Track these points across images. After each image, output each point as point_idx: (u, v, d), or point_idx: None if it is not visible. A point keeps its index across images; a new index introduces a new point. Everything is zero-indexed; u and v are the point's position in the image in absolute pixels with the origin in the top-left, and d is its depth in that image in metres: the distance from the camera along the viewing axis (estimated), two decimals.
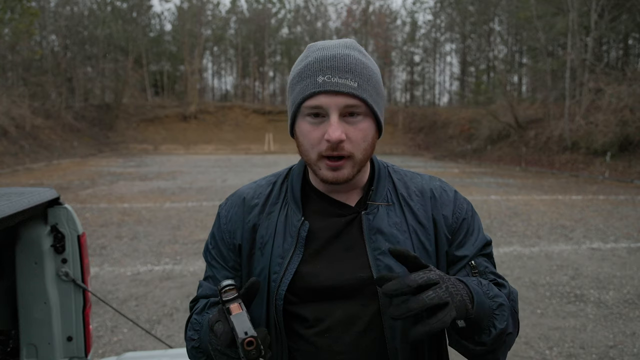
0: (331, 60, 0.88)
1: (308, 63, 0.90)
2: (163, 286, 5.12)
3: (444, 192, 1.03)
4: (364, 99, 0.88)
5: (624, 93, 19.88)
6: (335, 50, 0.89)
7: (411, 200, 1.00)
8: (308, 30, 56.13)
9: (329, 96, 0.87)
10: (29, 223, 1.90)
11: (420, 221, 0.98)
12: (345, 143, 0.88)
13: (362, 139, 0.90)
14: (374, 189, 0.99)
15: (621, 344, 3.89)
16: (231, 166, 21.92)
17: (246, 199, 1.05)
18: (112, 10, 46.34)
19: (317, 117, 0.89)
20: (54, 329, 1.94)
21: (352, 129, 0.89)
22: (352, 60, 0.88)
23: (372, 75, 0.91)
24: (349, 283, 0.93)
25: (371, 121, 0.92)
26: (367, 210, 0.97)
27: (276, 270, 0.95)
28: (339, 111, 0.87)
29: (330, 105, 0.87)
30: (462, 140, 32.59)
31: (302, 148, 0.93)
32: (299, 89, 0.90)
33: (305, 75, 0.89)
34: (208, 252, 1.06)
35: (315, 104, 0.88)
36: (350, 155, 0.90)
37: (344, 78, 0.87)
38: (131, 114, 39.51)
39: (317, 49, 0.92)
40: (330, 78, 0.87)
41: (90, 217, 8.81)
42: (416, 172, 1.09)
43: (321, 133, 0.89)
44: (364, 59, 0.91)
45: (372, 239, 0.94)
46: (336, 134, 0.86)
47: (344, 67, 0.87)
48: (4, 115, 23.48)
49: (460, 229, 1.00)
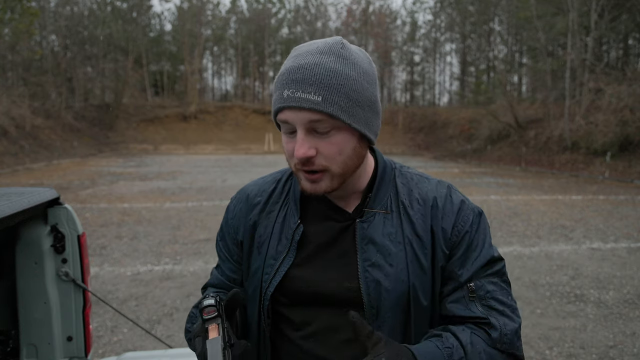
0: (297, 72, 0.83)
1: (280, 74, 0.87)
2: (163, 286, 5.12)
3: (449, 202, 0.96)
4: (328, 113, 0.82)
5: (624, 93, 19.87)
6: (307, 58, 0.84)
7: (411, 209, 0.95)
8: (308, 30, 56.11)
9: (293, 111, 0.84)
10: (29, 223, 1.90)
11: (418, 233, 0.93)
12: (317, 158, 0.85)
13: (336, 153, 0.86)
14: (372, 195, 0.95)
15: (621, 344, 3.89)
16: (231, 166, 21.92)
17: (250, 196, 1.05)
18: (112, 10, 46.31)
19: (290, 132, 0.87)
20: (54, 329, 1.94)
21: (324, 144, 0.85)
22: (319, 71, 0.82)
23: (347, 84, 0.83)
24: (335, 291, 0.92)
25: (347, 133, 0.86)
26: (363, 218, 0.94)
27: (268, 272, 0.96)
28: (304, 127, 0.84)
29: (295, 121, 0.84)
30: (462, 140, 32.58)
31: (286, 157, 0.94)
32: (273, 101, 0.89)
33: (277, 87, 0.87)
34: (217, 243, 1.10)
35: (284, 118, 0.85)
36: (325, 169, 0.87)
37: (306, 92, 0.82)
38: (131, 114, 39.49)
39: (292, 57, 0.88)
40: (294, 92, 0.83)
41: (90, 217, 8.81)
42: (425, 176, 1.02)
43: (294, 146, 0.86)
44: (338, 65, 0.83)
45: (364, 249, 0.91)
46: (300, 152, 0.83)
47: (308, 80, 0.82)
48: (4, 115, 23.47)
49: (460, 243, 0.93)
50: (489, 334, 0.88)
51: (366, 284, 0.90)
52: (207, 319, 0.84)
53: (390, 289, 0.90)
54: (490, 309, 0.90)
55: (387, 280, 0.90)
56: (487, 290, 0.91)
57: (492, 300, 0.90)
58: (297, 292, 0.94)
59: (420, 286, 0.91)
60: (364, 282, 0.90)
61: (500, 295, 0.92)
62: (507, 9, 38.21)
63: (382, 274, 0.90)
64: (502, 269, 0.95)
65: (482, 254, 0.93)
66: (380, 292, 0.90)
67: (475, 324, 0.89)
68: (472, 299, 0.90)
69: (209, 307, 0.85)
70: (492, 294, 0.91)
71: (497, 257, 0.95)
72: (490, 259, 0.93)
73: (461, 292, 0.91)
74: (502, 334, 0.88)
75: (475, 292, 0.91)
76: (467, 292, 0.91)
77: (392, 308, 0.90)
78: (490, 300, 0.90)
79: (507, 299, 0.92)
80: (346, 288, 0.91)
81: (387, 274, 0.90)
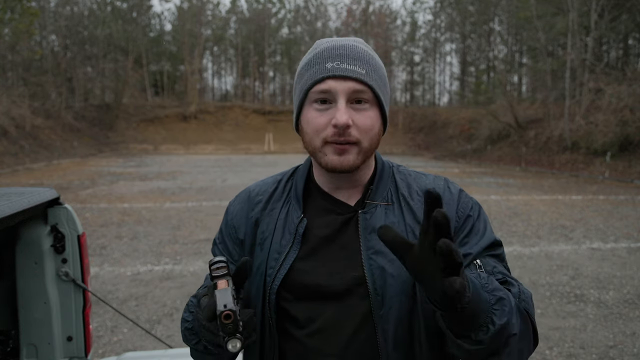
0: (340, 49, 0.90)
1: (317, 52, 0.92)
2: (163, 286, 5.12)
3: (447, 191, 1.00)
4: (371, 86, 0.89)
5: (624, 93, 19.87)
6: (344, 41, 0.93)
7: (412, 200, 0.98)
8: (308, 30, 56.12)
9: (337, 81, 0.88)
10: (29, 223, 1.90)
11: (419, 220, 0.95)
12: (352, 129, 0.89)
13: (369, 127, 0.91)
14: (373, 188, 0.98)
15: (621, 344, 3.89)
16: (231, 166, 21.92)
17: (251, 195, 1.07)
18: (112, 10, 46.32)
19: (324, 103, 0.90)
20: (54, 329, 1.95)
21: (359, 116, 0.90)
22: (360, 50, 0.91)
23: (379, 67, 0.94)
24: (340, 282, 0.92)
25: (377, 112, 0.93)
26: (365, 210, 0.96)
27: (272, 266, 0.96)
28: (347, 96, 0.88)
29: (339, 90, 0.88)
30: (462, 140, 32.59)
31: (307, 137, 0.93)
32: (308, 76, 0.92)
33: (314, 63, 0.91)
34: (215, 245, 1.08)
35: (324, 88, 0.89)
36: (357, 142, 0.90)
37: (352, 65, 0.89)
38: (131, 114, 39.50)
39: (325, 42, 0.94)
40: (339, 64, 0.89)
41: (90, 217, 8.81)
42: (422, 173, 1.06)
43: (328, 119, 0.89)
44: (371, 52, 0.94)
45: (367, 237, 0.93)
46: (344, 118, 0.86)
47: (352, 55, 0.90)
48: (4, 115, 23.47)
49: (463, 227, 0.96)
50: (509, 290, 0.87)
51: (371, 271, 0.91)
52: (216, 276, 0.80)
53: (396, 274, 0.91)
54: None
55: (392, 266, 0.91)
56: (493, 265, 0.92)
57: (499, 274, 0.91)
58: (302, 286, 0.94)
59: None
60: (368, 270, 0.91)
61: (505, 271, 0.94)
62: (507, 9, 38.23)
63: (386, 260, 0.91)
64: (503, 254, 0.97)
65: (486, 236, 0.96)
66: (386, 279, 0.91)
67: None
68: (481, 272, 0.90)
69: (219, 262, 0.81)
70: (498, 268, 0.93)
71: (499, 241, 0.98)
72: (493, 241, 0.96)
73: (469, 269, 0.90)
74: (521, 290, 0.88)
75: (482, 267, 0.91)
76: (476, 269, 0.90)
77: (397, 294, 0.90)
78: (498, 274, 0.91)
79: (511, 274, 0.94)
80: (351, 277, 0.92)
81: (391, 260, 0.91)
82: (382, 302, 0.90)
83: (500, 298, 0.79)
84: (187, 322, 0.95)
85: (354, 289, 0.92)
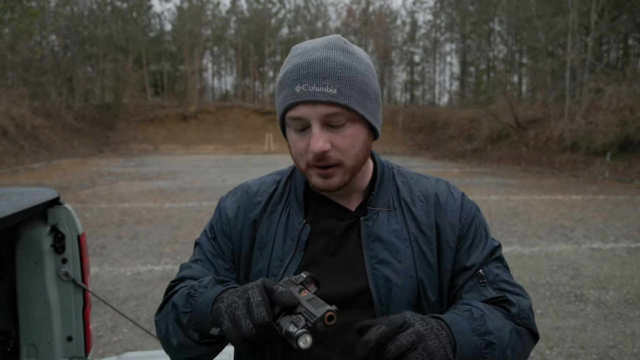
0: (308, 67, 0.84)
1: (287, 71, 0.87)
2: (163, 286, 5.12)
3: (450, 197, 0.99)
4: (344, 105, 0.83)
5: (624, 93, 19.86)
6: (314, 54, 0.85)
7: (414, 206, 0.96)
8: (308, 30, 56.10)
9: (308, 106, 0.83)
10: (29, 223, 1.90)
11: (422, 229, 0.94)
12: (332, 152, 0.85)
13: (350, 146, 0.87)
14: (374, 193, 0.96)
15: (621, 344, 3.89)
16: (231, 166, 21.92)
17: (249, 194, 1.03)
18: (112, 10, 46.28)
19: (301, 129, 0.87)
20: (54, 329, 1.95)
21: (338, 137, 0.86)
22: (330, 64, 0.84)
23: (356, 77, 0.86)
24: (343, 291, 0.90)
25: (359, 125, 0.88)
26: (367, 216, 0.94)
27: (274, 273, 0.93)
28: (320, 121, 0.84)
29: (311, 116, 0.84)
30: (462, 140, 32.57)
31: (293, 157, 0.92)
32: (281, 99, 0.88)
33: (285, 85, 0.86)
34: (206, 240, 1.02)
35: (296, 115, 0.85)
36: (339, 163, 0.87)
37: (321, 86, 0.82)
38: (131, 114, 39.50)
39: (297, 54, 0.88)
40: (307, 87, 0.83)
41: (90, 217, 8.81)
42: (423, 175, 1.04)
43: (307, 143, 0.86)
44: (347, 59, 0.86)
45: (370, 246, 0.92)
46: (317, 146, 0.83)
47: (322, 74, 0.83)
48: (4, 115, 23.47)
49: (467, 235, 0.96)
50: (509, 311, 0.89)
51: (375, 281, 0.89)
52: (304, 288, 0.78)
53: (401, 284, 0.89)
54: (502, 290, 0.92)
55: (397, 276, 0.90)
56: (495, 274, 0.93)
57: (502, 283, 0.93)
58: None
59: (427, 281, 0.92)
60: (372, 280, 0.89)
61: (507, 278, 0.95)
62: (507, 9, 38.22)
63: (391, 270, 0.90)
64: (501, 255, 0.99)
65: (488, 244, 0.96)
66: (391, 289, 0.89)
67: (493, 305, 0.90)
68: (484, 285, 0.92)
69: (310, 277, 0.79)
70: (501, 276, 0.94)
71: (498, 244, 0.99)
72: (494, 247, 0.97)
73: (472, 281, 0.92)
74: (520, 309, 0.90)
75: (485, 277, 0.92)
76: (478, 280, 0.92)
77: (403, 305, 0.89)
78: (500, 283, 0.92)
79: (513, 280, 0.96)
80: (354, 287, 0.90)
81: (396, 270, 0.90)
82: (386, 313, 0.89)
83: (490, 343, 0.81)
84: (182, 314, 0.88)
85: (357, 299, 0.90)
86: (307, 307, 0.72)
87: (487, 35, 45.49)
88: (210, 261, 1.00)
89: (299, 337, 0.68)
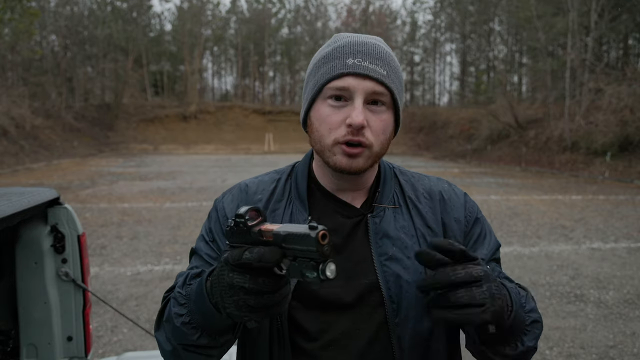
0: (362, 46, 0.86)
1: (337, 47, 0.88)
2: (163, 286, 5.12)
3: (454, 194, 1.00)
4: (390, 88, 0.86)
5: (624, 93, 19.87)
6: (367, 39, 0.89)
7: (419, 203, 0.96)
8: (308, 30, 56.12)
9: (358, 79, 0.84)
10: (29, 223, 1.90)
11: (429, 225, 0.94)
12: (366, 131, 0.85)
13: (382, 130, 0.87)
14: (380, 190, 0.96)
15: (621, 344, 3.89)
16: (231, 166, 21.92)
17: (249, 192, 1.00)
18: (112, 10, 46.29)
19: (339, 100, 0.86)
20: (54, 329, 1.95)
21: (375, 118, 0.86)
22: (381, 50, 0.88)
23: (399, 70, 0.91)
24: (353, 290, 0.88)
25: (392, 115, 0.90)
26: (374, 213, 0.93)
27: None
28: (365, 96, 0.85)
29: (357, 89, 0.84)
30: (462, 140, 32.57)
31: (317, 134, 0.89)
32: (325, 70, 0.87)
33: (333, 57, 0.87)
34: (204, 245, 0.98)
35: (342, 85, 0.85)
36: (369, 145, 0.86)
37: (374, 64, 0.85)
38: (131, 114, 39.50)
39: (346, 36, 0.90)
40: (360, 62, 0.85)
41: (90, 217, 8.81)
42: (423, 174, 1.05)
43: (342, 117, 0.85)
44: (392, 53, 0.91)
45: (379, 243, 0.90)
46: (359, 118, 0.83)
47: (374, 54, 0.86)
48: (4, 115, 23.47)
49: (472, 231, 0.96)
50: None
51: (384, 278, 0.88)
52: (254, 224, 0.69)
53: (411, 281, 0.88)
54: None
55: (407, 272, 0.89)
56: (498, 271, 0.95)
57: (505, 280, 0.93)
58: (312, 295, 0.88)
59: None
60: (382, 277, 0.88)
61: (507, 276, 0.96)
62: (507, 9, 38.22)
63: (400, 266, 0.89)
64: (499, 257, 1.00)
65: (493, 240, 0.98)
66: (401, 286, 0.88)
67: None
68: None
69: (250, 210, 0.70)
70: (503, 274, 0.95)
71: (499, 244, 1.00)
72: (498, 246, 0.98)
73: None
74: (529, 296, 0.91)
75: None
76: None
77: (413, 302, 0.88)
78: (503, 279, 0.93)
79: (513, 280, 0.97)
80: (364, 285, 0.88)
81: (406, 267, 0.89)
82: (397, 310, 0.88)
83: (534, 321, 0.83)
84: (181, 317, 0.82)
85: (367, 298, 0.88)
86: (292, 245, 0.65)
87: (487, 35, 45.50)
88: (210, 264, 0.95)
89: (324, 273, 0.63)
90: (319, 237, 0.62)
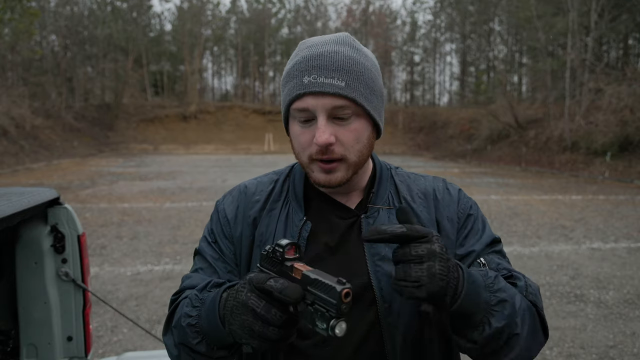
0: (317, 59, 0.83)
1: (295, 63, 0.86)
2: (163, 286, 5.12)
3: (447, 192, 1.00)
4: (352, 99, 0.83)
5: (624, 93, 19.87)
6: (324, 47, 0.85)
7: (414, 203, 0.97)
8: (308, 30, 56.08)
9: (315, 97, 0.83)
10: (29, 223, 1.90)
11: (424, 224, 0.94)
12: (336, 146, 0.85)
13: (354, 141, 0.86)
14: (374, 191, 0.96)
15: (621, 344, 3.89)
16: (231, 166, 21.92)
17: (248, 193, 1.02)
18: (112, 10, 46.30)
19: (306, 120, 0.86)
20: (54, 329, 1.95)
21: (343, 131, 0.85)
22: (340, 58, 0.84)
23: (364, 72, 0.86)
24: None
25: (365, 121, 0.87)
26: (367, 214, 0.94)
27: None
28: (327, 113, 0.83)
29: (317, 107, 0.83)
30: (462, 140, 32.58)
31: (295, 150, 0.91)
32: (287, 90, 0.87)
33: (292, 76, 0.86)
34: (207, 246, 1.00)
35: (302, 106, 0.84)
36: (343, 158, 0.86)
37: (330, 77, 0.82)
38: (131, 114, 39.51)
39: (305, 47, 0.88)
40: (315, 78, 0.82)
41: (90, 217, 8.81)
42: (420, 174, 1.05)
43: (311, 136, 0.85)
44: (355, 54, 0.86)
45: (372, 244, 0.90)
46: (323, 138, 0.82)
47: (330, 66, 0.83)
48: (4, 115, 23.47)
49: (465, 225, 0.96)
50: (515, 284, 0.88)
51: (377, 278, 0.89)
52: (291, 258, 0.73)
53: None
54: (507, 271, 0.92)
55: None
56: (497, 262, 0.93)
57: (504, 270, 0.92)
58: None
59: None
60: (374, 277, 0.89)
61: (509, 266, 0.94)
62: (507, 9, 38.22)
63: (392, 266, 0.88)
64: (503, 250, 0.98)
65: (487, 234, 0.97)
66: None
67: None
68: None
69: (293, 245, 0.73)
70: (503, 265, 0.93)
71: (498, 238, 0.99)
72: (494, 238, 0.97)
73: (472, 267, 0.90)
74: (527, 284, 0.89)
75: (486, 265, 0.92)
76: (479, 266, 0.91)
77: (405, 302, 0.88)
78: (502, 270, 0.92)
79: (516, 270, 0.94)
80: (356, 285, 0.88)
81: None
82: (389, 311, 0.88)
83: (502, 300, 0.78)
84: (189, 318, 0.84)
85: (359, 297, 0.88)
86: (316, 291, 0.67)
87: (487, 35, 45.50)
88: (213, 266, 0.97)
89: (333, 329, 0.65)
90: (343, 293, 0.64)
